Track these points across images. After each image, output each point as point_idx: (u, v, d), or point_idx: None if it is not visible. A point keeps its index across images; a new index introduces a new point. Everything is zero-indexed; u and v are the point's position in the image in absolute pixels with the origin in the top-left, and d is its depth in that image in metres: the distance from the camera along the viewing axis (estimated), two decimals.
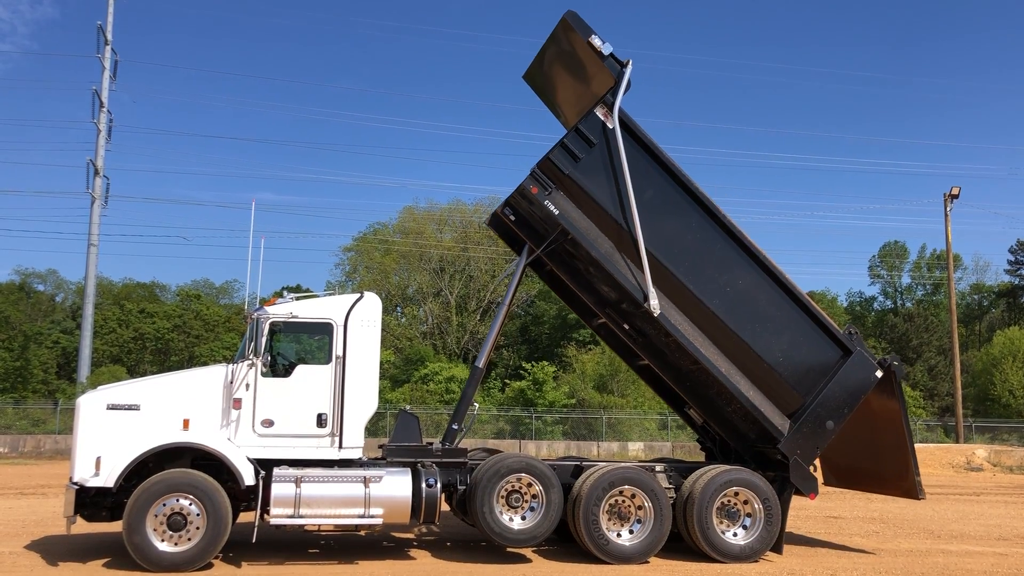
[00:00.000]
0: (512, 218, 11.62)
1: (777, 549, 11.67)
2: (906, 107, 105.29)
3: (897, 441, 12.21)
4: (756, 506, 11.41)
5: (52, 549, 11.23)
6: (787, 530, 11.97)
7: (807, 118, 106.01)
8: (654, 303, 11.15)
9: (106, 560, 10.44)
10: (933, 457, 33.37)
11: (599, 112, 11.15)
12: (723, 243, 11.51)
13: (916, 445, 38.65)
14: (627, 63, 11.16)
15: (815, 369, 11.70)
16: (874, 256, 70.24)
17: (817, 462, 12.17)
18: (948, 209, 43.55)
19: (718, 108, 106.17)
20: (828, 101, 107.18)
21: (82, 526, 10.72)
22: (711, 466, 11.76)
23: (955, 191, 43.23)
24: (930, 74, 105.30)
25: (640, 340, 11.93)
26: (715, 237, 11.49)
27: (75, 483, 9.98)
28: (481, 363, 12.30)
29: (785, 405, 11.70)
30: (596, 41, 11.04)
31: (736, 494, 11.42)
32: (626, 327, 11.88)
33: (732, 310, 11.49)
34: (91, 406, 10.28)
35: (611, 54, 11.10)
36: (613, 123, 11.09)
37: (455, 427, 11.80)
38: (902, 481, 12.31)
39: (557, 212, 11.06)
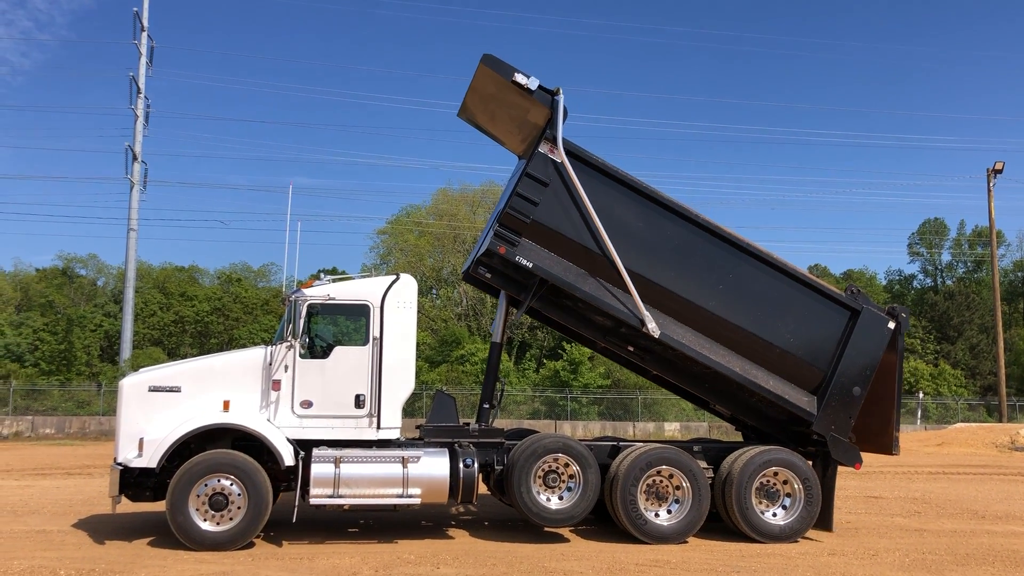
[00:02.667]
0: (488, 275, 11.46)
1: (827, 526, 11.59)
2: (946, 81, 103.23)
3: (887, 394, 11.79)
4: (796, 486, 11.31)
5: (99, 528, 11.45)
6: None
7: (844, 93, 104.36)
8: (651, 326, 10.98)
9: (151, 539, 10.62)
10: (976, 437, 32.89)
11: (544, 149, 10.85)
12: (702, 242, 11.26)
13: (958, 425, 38.03)
14: (557, 91, 10.88)
15: (828, 339, 11.50)
16: (913, 233, 69.19)
17: None
18: (991, 184, 42.72)
19: (755, 85, 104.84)
20: (865, 76, 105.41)
21: (127, 505, 10.91)
22: (749, 446, 11.68)
23: (999, 166, 42.44)
24: (970, 48, 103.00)
25: (647, 357, 11.79)
26: (692, 238, 11.24)
27: (119, 464, 10.15)
28: (497, 337, 12.22)
29: (807, 382, 11.55)
30: (520, 79, 10.73)
31: (775, 474, 11.33)
32: (630, 349, 11.73)
33: (730, 306, 11.30)
34: (133, 388, 10.44)
35: (539, 87, 10.81)
36: (560, 156, 10.82)
37: (486, 406, 11.82)
38: (881, 436, 11.89)
39: (531, 265, 10.84)
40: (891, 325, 11.57)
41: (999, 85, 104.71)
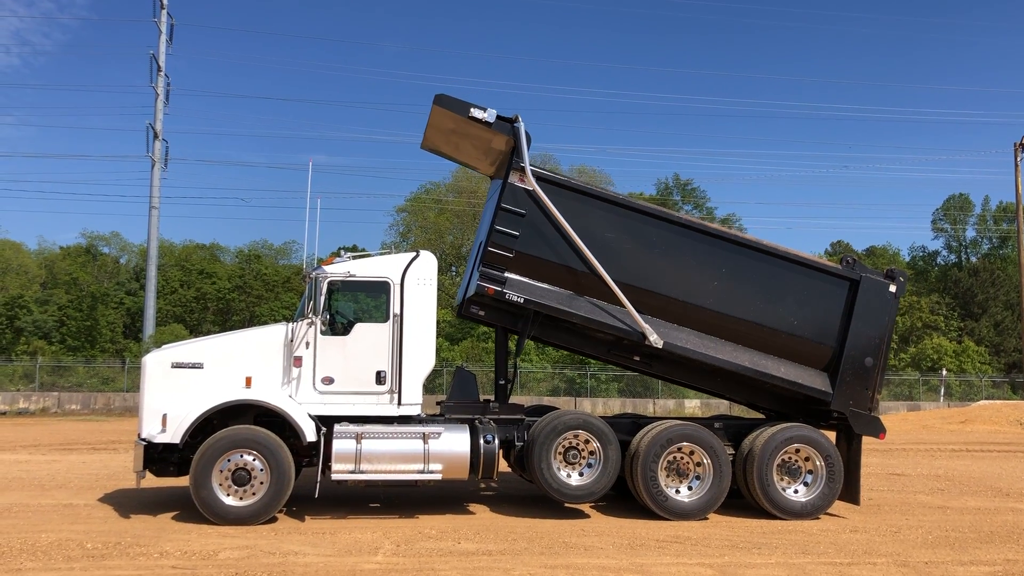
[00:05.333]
0: (481, 313, 11.39)
1: (854, 499, 11.57)
2: (971, 54, 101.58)
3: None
4: (817, 463, 11.26)
5: (124, 502, 11.60)
6: None
7: (868, 67, 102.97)
8: (653, 338, 10.93)
9: (175, 513, 10.74)
10: (1000, 414, 32.64)
11: (515, 180, 10.78)
12: (687, 242, 11.20)
13: (982, 402, 37.69)
14: (516, 119, 10.82)
15: (832, 314, 11.44)
16: (938, 209, 68.41)
17: None
18: (1018, 159, 42.05)
19: (776, 59, 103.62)
20: (889, 49, 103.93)
21: (151, 480, 11.03)
22: (771, 423, 11.62)
23: None
24: (996, 20, 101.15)
25: (655, 364, 11.74)
26: (677, 241, 11.18)
27: (143, 439, 10.25)
28: None
29: (818, 362, 11.52)
30: (477, 113, 10.68)
31: (797, 451, 11.28)
32: (636, 358, 11.68)
33: (728, 301, 11.24)
34: (156, 365, 10.51)
35: (497, 117, 10.75)
36: (532, 184, 10.73)
37: (502, 382, 11.83)
38: None
39: (523, 300, 10.81)
40: (892, 289, 11.51)
41: None
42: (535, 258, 10.88)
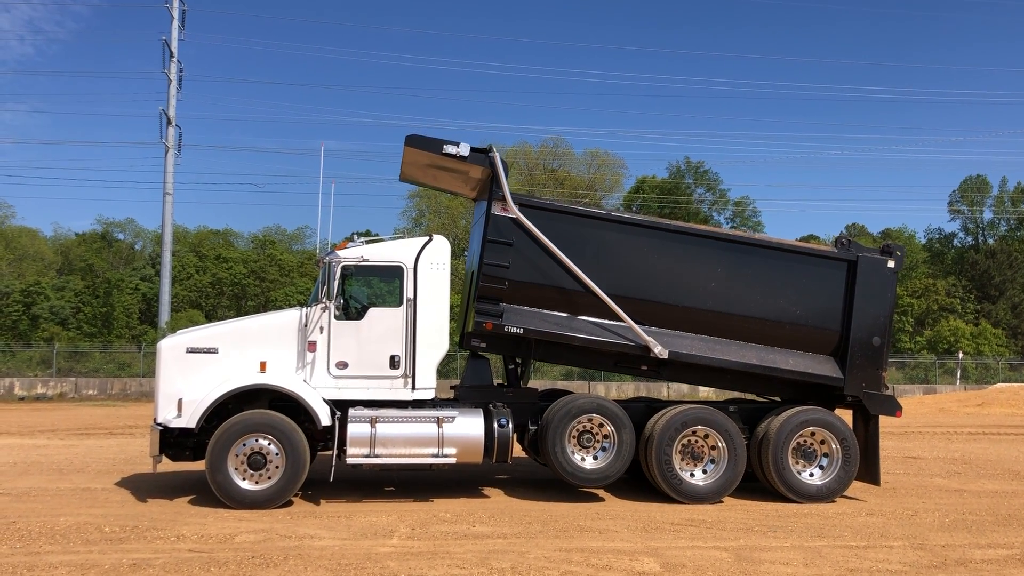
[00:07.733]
0: (483, 345, 11.37)
1: (874, 480, 11.56)
2: (988, 34, 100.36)
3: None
4: (833, 446, 11.22)
5: (140, 486, 11.68)
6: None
7: (883, 48, 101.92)
8: (658, 350, 10.92)
9: (191, 497, 10.81)
10: (1017, 397, 32.41)
11: (497, 210, 10.76)
12: (679, 247, 11.18)
13: (999, 385, 37.37)
14: (490, 149, 10.81)
15: (833, 297, 11.41)
16: (954, 191, 67.77)
17: None
18: None
19: (791, 40, 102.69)
20: (904, 29, 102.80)
21: (167, 465, 11.10)
22: (786, 406, 11.57)
23: None
24: None
25: (663, 371, 11.68)
26: (669, 247, 11.16)
27: (159, 424, 10.30)
28: None
29: (826, 347, 11.50)
30: (451, 150, 10.68)
31: (812, 434, 11.24)
32: (644, 368, 11.65)
33: (729, 300, 11.22)
34: (172, 350, 10.55)
35: (472, 150, 10.73)
36: (514, 212, 10.72)
37: (511, 367, 11.84)
38: None
39: (522, 331, 10.81)
40: (891, 264, 11.45)
41: None
42: (529, 284, 10.90)
